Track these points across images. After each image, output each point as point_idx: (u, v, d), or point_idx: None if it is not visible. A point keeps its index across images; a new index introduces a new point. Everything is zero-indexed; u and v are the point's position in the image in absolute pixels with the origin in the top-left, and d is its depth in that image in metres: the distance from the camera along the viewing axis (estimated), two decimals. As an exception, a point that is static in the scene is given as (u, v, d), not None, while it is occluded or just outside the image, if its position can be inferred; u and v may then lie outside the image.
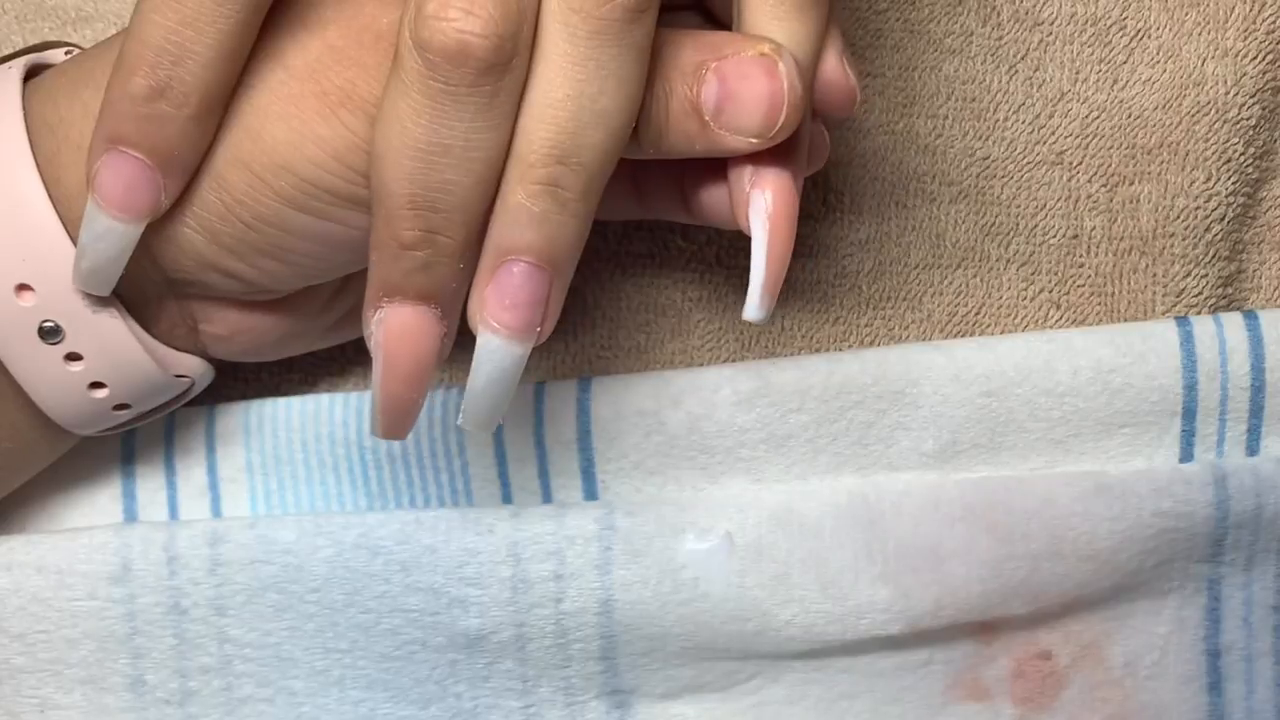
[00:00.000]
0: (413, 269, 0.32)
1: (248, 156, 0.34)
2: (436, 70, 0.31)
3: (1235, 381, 0.40)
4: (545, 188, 0.32)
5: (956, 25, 0.41)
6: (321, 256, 0.36)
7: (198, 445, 0.41)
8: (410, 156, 0.31)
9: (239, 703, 0.40)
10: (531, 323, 0.33)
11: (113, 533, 0.39)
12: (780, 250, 0.34)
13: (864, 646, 0.40)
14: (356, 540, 0.39)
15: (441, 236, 0.32)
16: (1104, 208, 0.42)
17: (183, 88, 0.33)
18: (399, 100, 0.31)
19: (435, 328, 0.33)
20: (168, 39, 0.33)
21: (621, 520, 0.39)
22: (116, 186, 0.34)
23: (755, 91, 0.33)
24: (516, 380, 0.34)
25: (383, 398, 0.33)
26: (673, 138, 0.34)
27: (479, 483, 0.41)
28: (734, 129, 0.33)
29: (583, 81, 0.32)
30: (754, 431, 0.40)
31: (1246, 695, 0.42)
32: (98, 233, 0.34)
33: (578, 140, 0.32)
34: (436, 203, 0.32)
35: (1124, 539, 0.40)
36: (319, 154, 0.34)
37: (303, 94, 0.34)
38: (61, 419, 0.37)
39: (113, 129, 0.33)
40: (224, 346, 0.39)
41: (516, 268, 0.33)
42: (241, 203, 0.34)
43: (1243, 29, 0.41)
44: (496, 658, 0.40)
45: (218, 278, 0.36)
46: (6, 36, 0.42)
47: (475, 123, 0.31)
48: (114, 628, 0.39)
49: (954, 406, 0.40)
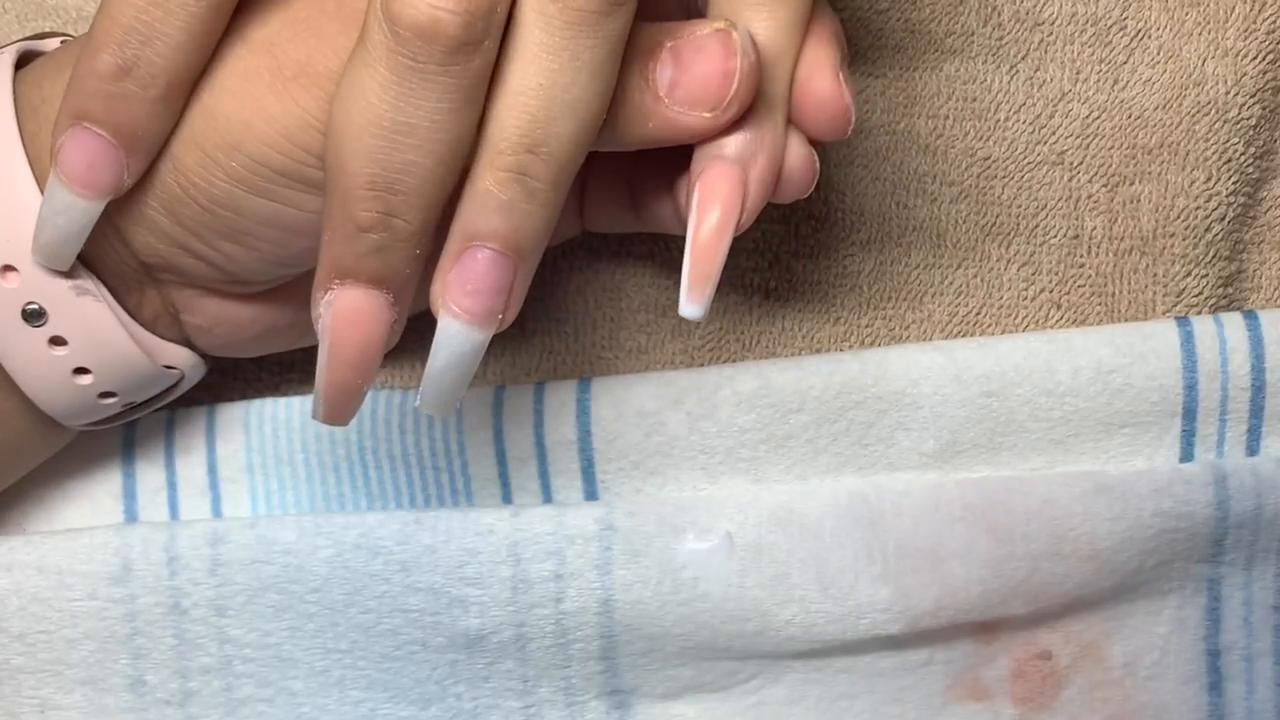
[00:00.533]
0: (366, 251, 0.32)
1: (200, 136, 0.34)
2: (405, 45, 0.30)
3: (1236, 381, 0.40)
4: (514, 175, 0.32)
5: (957, 25, 0.41)
6: (280, 242, 0.35)
7: (198, 445, 0.41)
8: (372, 134, 0.31)
9: (239, 703, 0.40)
10: (493, 310, 0.33)
11: (113, 533, 0.39)
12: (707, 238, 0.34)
13: (864, 646, 0.40)
14: (357, 540, 0.39)
15: (399, 220, 0.32)
16: (1104, 208, 0.42)
17: (150, 68, 0.33)
18: (363, 74, 0.31)
19: (386, 313, 0.33)
20: (137, 18, 0.32)
21: (621, 520, 0.39)
22: (79, 162, 0.33)
23: (708, 63, 0.33)
24: (475, 365, 0.33)
25: (327, 382, 0.33)
26: (629, 120, 0.33)
27: (479, 483, 0.41)
28: (687, 103, 0.33)
29: (556, 71, 0.31)
30: (754, 432, 0.40)
31: (1247, 695, 0.42)
32: (58, 207, 0.34)
33: (548, 130, 0.31)
34: (396, 184, 0.31)
35: (1124, 539, 0.40)
36: (269, 132, 0.33)
37: (257, 68, 0.33)
38: (47, 405, 0.37)
39: (78, 105, 0.33)
40: (205, 338, 0.38)
41: (481, 254, 0.32)
42: (195, 184, 0.34)
43: (1243, 29, 0.41)
44: (497, 658, 0.40)
45: (189, 261, 0.36)
46: (7, 35, 0.42)
47: (441, 103, 0.31)
48: (114, 628, 0.39)
49: (954, 407, 0.40)
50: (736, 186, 0.34)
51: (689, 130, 0.33)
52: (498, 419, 0.41)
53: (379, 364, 0.33)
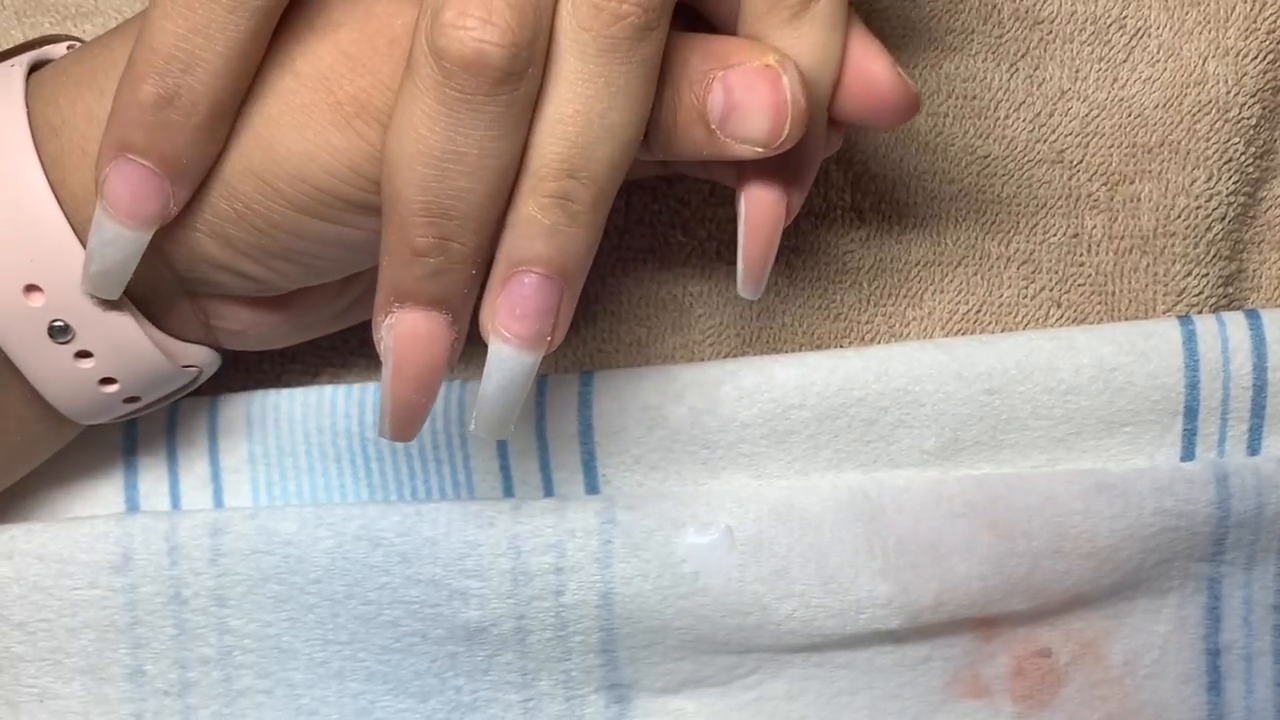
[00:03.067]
0: (424, 275, 0.33)
1: (259, 167, 0.34)
2: (453, 78, 0.31)
3: (1237, 381, 0.40)
4: (556, 200, 0.32)
5: (957, 23, 0.42)
6: (336, 258, 0.36)
7: (200, 436, 0.41)
8: (424, 164, 0.32)
9: (238, 694, 0.40)
10: (542, 333, 0.33)
11: (114, 522, 0.39)
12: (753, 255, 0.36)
13: (864, 641, 0.40)
14: (357, 532, 0.39)
15: (454, 243, 0.32)
16: (1104, 206, 0.42)
17: (192, 96, 0.33)
18: (413, 107, 0.32)
19: (446, 333, 0.33)
20: (178, 46, 0.33)
21: (622, 514, 0.39)
22: (124, 194, 0.34)
23: (759, 103, 0.33)
24: (527, 388, 0.34)
25: (393, 402, 0.34)
26: (680, 144, 0.34)
27: (480, 475, 0.41)
28: (739, 138, 0.34)
29: (592, 98, 0.32)
30: (755, 427, 0.40)
31: (1246, 694, 0.42)
32: (106, 239, 0.34)
33: (587, 155, 0.32)
34: (449, 210, 0.32)
35: (1125, 537, 0.40)
36: (334, 164, 0.34)
37: (315, 104, 0.34)
38: (71, 413, 0.38)
39: (121, 136, 0.33)
40: (237, 340, 0.39)
41: (528, 278, 0.33)
42: (254, 210, 0.34)
43: (1244, 28, 0.41)
44: (496, 650, 0.39)
45: (230, 278, 0.36)
46: (5, 31, 0.42)
47: (490, 131, 0.32)
48: (114, 617, 0.39)
49: (956, 404, 0.40)
50: (780, 200, 0.36)
51: (741, 157, 0.34)
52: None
53: (441, 382, 0.34)
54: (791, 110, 0.33)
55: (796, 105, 0.33)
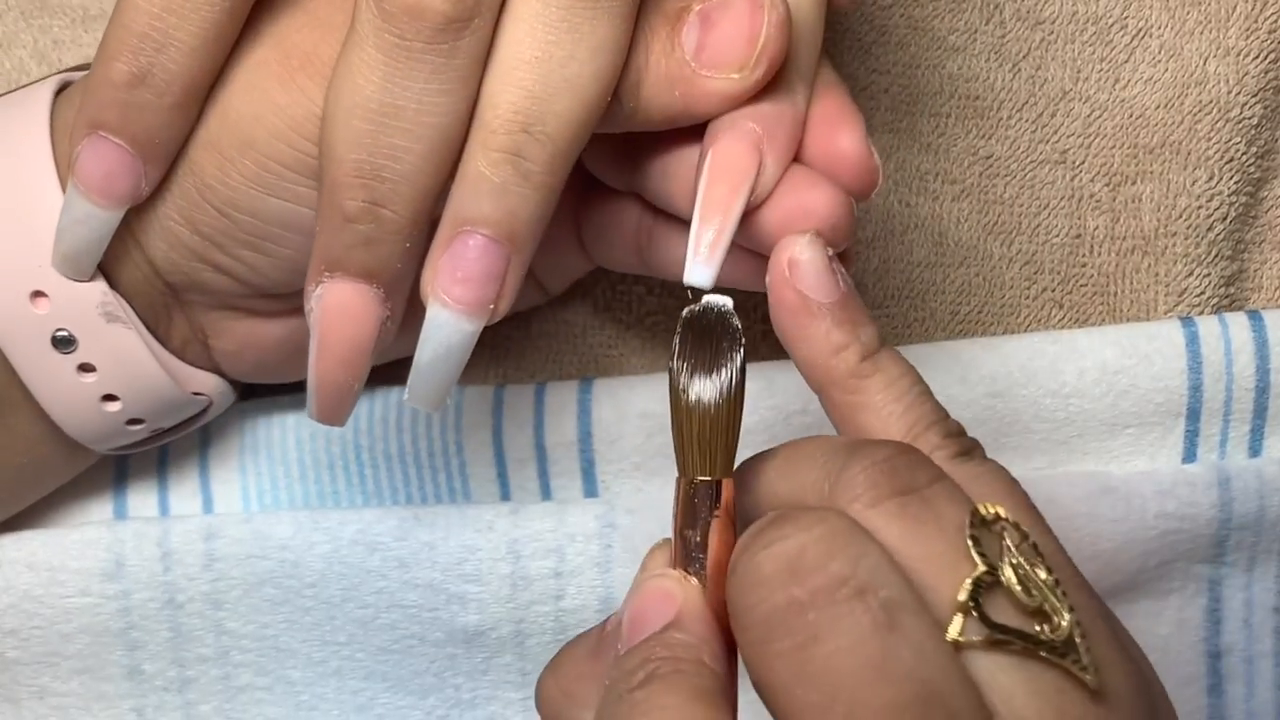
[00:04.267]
0: (354, 243, 0.31)
1: (215, 136, 0.33)
2: (392, 22, 0.29)
3: (1240, 382, 0.40)
4: (507, 156, 0.30)
5: (960, 23, 0.41)
6: (299, 246, 0.34)
7: (190, 444, 0.41)
8: (359, 117, 0.30)
9: (238, 690, 0.39)
10: (484, 299, 0.31)
11: (105, 529, 0.39)
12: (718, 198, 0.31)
13: (866, 645, 0.39)
14: (354, 536, 0.39)
15: (386, 210, 0.31)
16: (1106, 207, 0.41)
17: (165, 75, 0.32)
18: (352, 55, 0.30)
19: (375, 309, 0.32)
20: (151, 25, 0.32)
21: (622, 518, 0.39)
22: (96, 172, 0.33)
23: (736, 20, 0.31)
24: (465, 358, 0.32)
25: (317, 379, 0.32)
26: (654, 90, 0.32)
27: (478, 482, 0.41)
28: (714, 64, 0.31)
29: (553, 44, 0.30)
30: (757, 432, 0.39)
31: (1247, 697, 0.42)
32: (76, 217, 0.34)
33: (544, 107, 0.30)
34: (382, 171, 0.30)
35: (1127, 539, 0.39)
36: (277, 124, 0.32)
37: (266, 60, 0.33)
38: (74, 431, 0.37)
39: (94, 114, 0.33)
40: (234, 363, 0.38)
41: (472, 240, 0.31)
42: (212, 187, 0.33)
43: (1244, 28, 0.41)
44: (495, 652, 0.39)
45: (211, 275, 0.35)
46: (14, 34, 0.41)
47: (430, 84, 0.30)
48: (108, 623, 0.39)
49: (959, 407, 0.39)
50: (751, 150, 0.32)
51: (716, 95, 0.32)
52: (497, 419, 0.40)
53: (370, 361, 0.32)
54: (770, 16, 0.31)
55: (775, 11, 0.31)
